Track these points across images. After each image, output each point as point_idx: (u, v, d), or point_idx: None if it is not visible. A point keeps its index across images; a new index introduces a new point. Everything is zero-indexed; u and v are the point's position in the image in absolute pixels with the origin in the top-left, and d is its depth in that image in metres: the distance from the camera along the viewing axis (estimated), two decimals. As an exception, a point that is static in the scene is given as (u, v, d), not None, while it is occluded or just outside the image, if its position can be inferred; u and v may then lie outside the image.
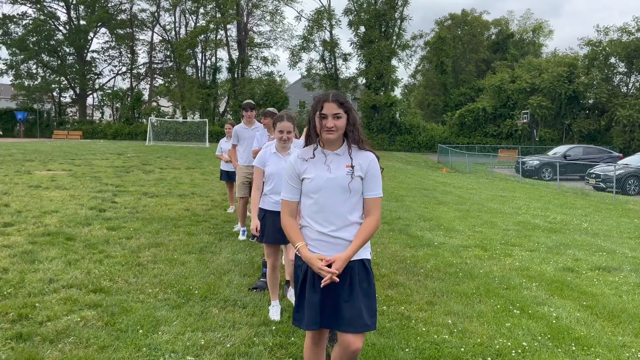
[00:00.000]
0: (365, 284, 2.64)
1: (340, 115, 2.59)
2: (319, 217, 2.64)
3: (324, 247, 2.64)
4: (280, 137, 4.18)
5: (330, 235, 2.63)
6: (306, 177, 2.67)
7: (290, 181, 2.72)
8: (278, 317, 4.24)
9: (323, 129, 2.60)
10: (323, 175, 2.63)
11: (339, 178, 2.61)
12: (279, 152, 4.23)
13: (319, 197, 2.63)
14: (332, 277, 2.52)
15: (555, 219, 10.51)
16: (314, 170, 2.66)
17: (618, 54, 38.15)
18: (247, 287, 4.95)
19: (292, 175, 2.72)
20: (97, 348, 3.50)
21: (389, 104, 43.98)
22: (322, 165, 2.66)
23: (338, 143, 2.68)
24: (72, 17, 51.53)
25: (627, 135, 36.11)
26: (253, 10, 50.07)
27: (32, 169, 14.78)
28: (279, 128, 4.17)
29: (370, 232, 2.64)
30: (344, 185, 2.61)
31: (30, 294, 4.45)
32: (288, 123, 4.18)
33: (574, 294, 5.26)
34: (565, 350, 3.86)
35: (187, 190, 11.82)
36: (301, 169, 2.69)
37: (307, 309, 2.63)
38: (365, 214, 2.68)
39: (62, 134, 45.55)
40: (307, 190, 2.68)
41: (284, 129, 4.16)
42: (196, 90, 47.12)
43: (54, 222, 7.43)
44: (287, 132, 4.17)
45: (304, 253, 2.63)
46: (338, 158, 2.66)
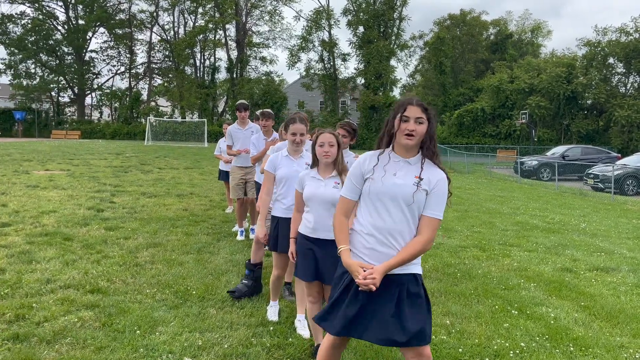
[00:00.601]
0: (417, 298, 2.51)
1: (423, 121, 2.46)
2: (377, 230, 2.51)
3: (374, 256, 2.51)
4: (293, 140, 3.99)
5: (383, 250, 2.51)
6: (370, 177, 2.54)
7: (353, 179, 2.60)
8: (276, 318, 4.22)
9: (402, 132, 2.47)
10: (389, 180, 2.50)
11: (404, 186, 2.47)
12: (291, 155, 4.05)
13: (379, 203, 2.51)
14: (370, 288, 2.40)
15: (553, 219, 10.52)
16: (380, 171, 2.54)
17: (616, 55, 38.18)
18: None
19: (357, 174, 2.60)
20: (94, 349, 3.49)
21: (387, 104, 43.98)
22: (390, 169, 2.53)
23: (413, 151, 2.54)
24: (71, 17, 51.49)
25: (626, 135, 36.13)
26: (252, 10, 50.11)
27: (30, 168, 14.75)
28: (292, 130, 3.98)
29: (417, 250, 2.46)
30: (408, 194, 2.46)
31: (28, 295, 4.44)
32: (301, 125, 4.01)
33: (572, 295, 5.26)
34: (563, 350, 3.85)
35: (185, 191, 11.80)
36: (367, 168, 2.56)
37: (341, 316, 2.51)
38: (418, 231, 2.51)
39: (61, 133, 45.53)
40: (368, 192, 2.55)
41: (297, 131, 3.98)
42: (195, 90, 47.12)
43: (52, 222, 7.41)
44: (300, 135, 3.98)
45: (344, 257, 2.52)
46: (408, 166, 2.52)
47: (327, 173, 3.44)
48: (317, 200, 3.38)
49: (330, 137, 3.39)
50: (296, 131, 3.97)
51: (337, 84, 46.82)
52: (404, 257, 2.45)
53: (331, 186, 3.38)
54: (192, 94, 46.80)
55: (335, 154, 3.41)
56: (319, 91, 47.36)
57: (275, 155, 4.11)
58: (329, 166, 3.45)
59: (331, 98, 46.75)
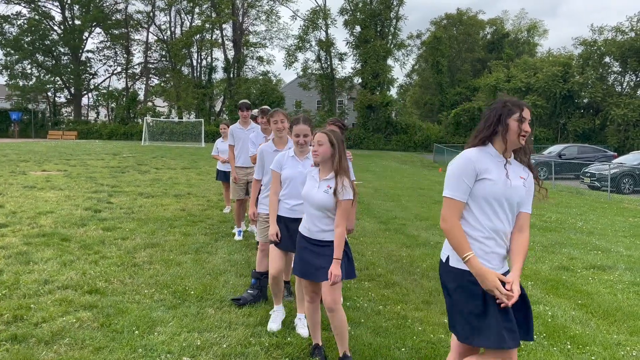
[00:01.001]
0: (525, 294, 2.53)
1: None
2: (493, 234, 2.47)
3: (496, 260, 2.49)
4: (296, 142, 3.90)
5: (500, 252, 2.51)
6: (487, 177, 2.45)
7: (465, 179, 2.45)
8: (277, 326, 4.03)
9: (518, 133, 2.47)
10: (505, 182, 2.46)
11: (519, 188, 2.49)
12: (297, 156, 3.95)
13: (496, 205, 2.47)
14: (511, 300, 2.35)
15: (550, 217, 10.55)
16: (495, 171, 2.47)
17: (612, 54, 38.29)
18: (244, 287, 4.94)
19: (469, 172, 2.45)
20: (92, 349, 3.49)
21: (384, 103, 44.03)
22: (502, 170, 2.48)
23: (514, 151, 2.58)
24: (67, 17, 51.35)
25: (622, 134, 36.24)
26: (248, 9, 50.07)
27: (27, 169, 14.72)
28: (295, 132, 3.88)
29: (527, 249, 2.54)
30: (522, 196, 2.49)
31: (25, 295, 4.43)
32: (304, 126, 3.88)
33: (569, 293, 5.28)
34: (560, 348, 3.87)
35: (183, 191, 11.80)
36: (482, 167, 2.46)
37: (501, 328, 2.38)
38: (519, 228, 2.54)
39: (57, 134, 45.42)
40: (484, 193, 2.45)
41: (300, 132, 3.86)
42: (192, 90, 47.07)
43: (49, 223, 7.40)
44: (303, 136, 3.86)
45: (477, 267, 2.39)
46: (511, 167, 2.52)
47: (324, 174, 3.38)
48: (308, 202, 3.38)
49: (319, 135, 3.35)
50: (299, 132, 3.87)
51: (334, 84, 46.83)
52: (524, 259, 2.49)
53: (322, 190, 3.31)
54: (189, 94, 46.74)
55: (326, 153, 3.32)
56: (316, 91, 47.38)
57: (282, 154, 4.04)
58: (326, 166, 3.37)
59: (328, 98, 46.76)
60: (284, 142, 4.59)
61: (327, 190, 3.29)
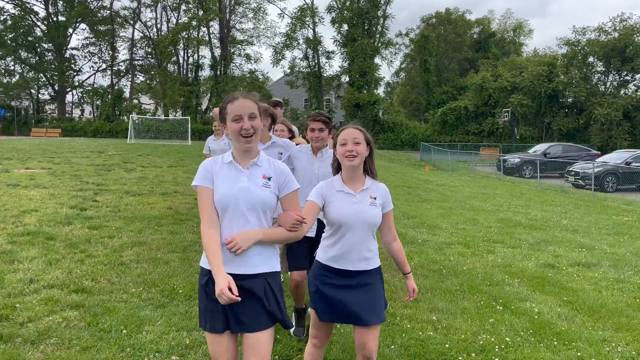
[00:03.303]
0: None
1: None
2: None
3: None
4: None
5: None
6: None
7: None
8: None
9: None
10: None
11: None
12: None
13: None
14: None
15: (536, 216, 10.67)
16: None
17: (596, 53, 38.81)
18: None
19: None
20: (79, 349, 3.45)
21: (372, 102, 44.14)
22: None
23: None
24: (51, 13, 50.67)
25: (605, 133, 36.77)
26: (235, 7, 49.81)
27: (10, 167, 14.49)
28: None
29: None
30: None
31: (10, 295, 4.37)
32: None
33: (554, 290, 5.34)
34: (547, 345, 3.92)
35: (169, 189, 11.71)
36: None
37: None
38: None
39: (41, 131, 44.78)
40: None
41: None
42: (178, 87, 46.73)
43: (34, 222, 7.30)
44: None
45: None
46: None
47: (357, 184, 2.69)
48: (354, 224, 2.62)
49: (354, 132, 2.65)
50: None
51: (321, 82, 46.84)
52: None
53: (368, 203, 2.66)
54: (175, 91, 46.39)
55: (364, 154, 2.66)
56: (303, 89, 47.36)
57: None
58: (357, 173, 2.69)
59: (316, 96, 46.76)
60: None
61: (373, 203, 2.68)
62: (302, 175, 3.61)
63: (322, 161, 3.67)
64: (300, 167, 3.71)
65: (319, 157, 3.70)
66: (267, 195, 2.31)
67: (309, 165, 3.70)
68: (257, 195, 2.28)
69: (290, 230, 2.32)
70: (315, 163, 3.70)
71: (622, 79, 39.78)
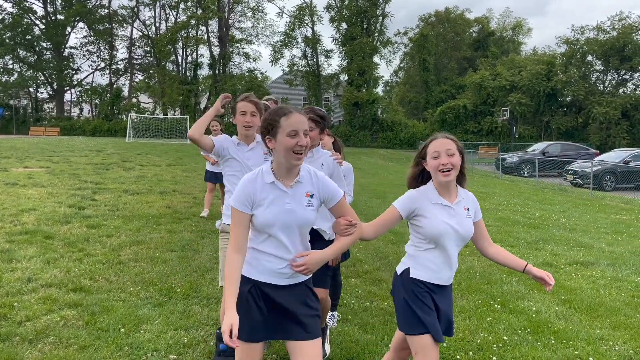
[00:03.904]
0: None
1: None
2: None
3: None
4: None
5: None
6: None
7: None
8: None
9: None
10: None
11: None
12: None
13: None
14: None
15: (534, 214, 10.68)
16: None
17: (595, 52, 38.84)
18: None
19: None
20: (77, 348, 3.45)
21: (370, 100, 44.14)
22: None
23: None
24: (49, 12, 50.58)
25: (604, 132, 36.81)
26: (234, 6, 49.77)
27: (9, 166, 14.48)
28: None
29: None
30: None
31: (9, 294, 4.37)
32: None
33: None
34: (544, 343, 3.92)
35: (168, 188, 11.70)
36: None
37: None
38: None
39: (39, 130, 44.72)
40: None
41: None
42: (177, 86, 46.68)
43: (32, 220, 7.29)
44: None
45: None
46: None
47: (452, 195, 2.53)
48: (451, 237, 2.46)
49: (446, 142, 2.45)
50: None
51: (320, 81, 46.82)
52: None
53: (464, 215, 2.50)
54: (174, 90, 46.34)
55: (458, 165, 2.46)
56: (302, 87, 47.35)
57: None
58: (451, 183, 2.52)
59: (314, 94, 46.75)
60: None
61: (468, 215, 2.53)
62: None
63: (311, 162, 3.21)
64: None
65: (309, 157, 3.25)
66: (310, 215, 2.23)
67: None
68: (301, 216, 2.20)
69: (345, 235, 2.28)
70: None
71: (621, 78, 39.82)
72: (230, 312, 2.04)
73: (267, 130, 2.19)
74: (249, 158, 3.36)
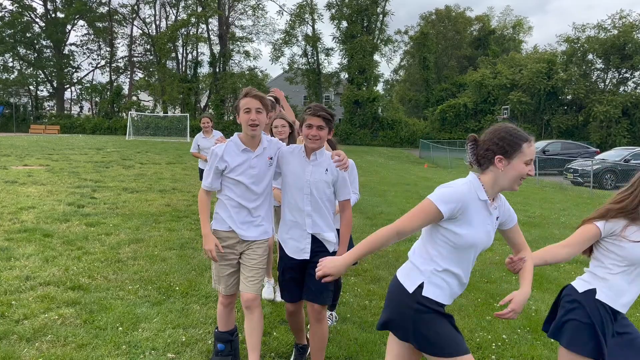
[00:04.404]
0: None
1: None
2: None
3: None
4: None
5: None
6: None
7: None
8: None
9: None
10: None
11: None
12: None
13: None
14: None
15: (534, 213, 10.66)
16: None
17: (595, 51, 38.78)
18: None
19: None
20: (75, 346, 3.44)
21: (371, 99, 44.14)
22: None
23: None
24: (49, 10, 50.55)
25: (604, 130, 36.76)
26: (234, 4, 49.73)
27: (8, 164, 14.47)
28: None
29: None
30: None
31: (7, 292, 4.35)
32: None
33: (552, 287, 5.34)
34: (544, 342, 3.91)
35: (167, 186, 11.70)
36: None
37: None
38: None
39: (39, 128, 44.74)
40: None
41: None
42: (177, 84, 46.70)
43: (31, 218, 7.28)
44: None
45: None
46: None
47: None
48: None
49: None
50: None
51: (320, 79, 46.81)
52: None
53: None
54: (174, 88, 46.37)
55: None
56: (302, 85, 47.33)
57: None
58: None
59: (315, 93, 46.75)
60: None
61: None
62: (290, 183, 3.06)
63: (315, 165, 3.02)
64: (290, 173, 3.06)
65: (312, 160, 3.03)
66: None
67: (300, 169, 3.03)
68: None
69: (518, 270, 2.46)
70: (308, 167, 3.02)
71: (622, 76, 39.76)
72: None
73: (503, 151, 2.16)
74: (253, 166, 3.04)
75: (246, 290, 3.07)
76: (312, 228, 3.03)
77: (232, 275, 3.15)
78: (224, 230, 3.11)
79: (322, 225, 3.04)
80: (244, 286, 3.08)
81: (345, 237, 3.04)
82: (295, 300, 3.18)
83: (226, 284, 3.16)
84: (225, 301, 3.22)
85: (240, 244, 3.10)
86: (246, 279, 3.07)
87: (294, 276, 3.11)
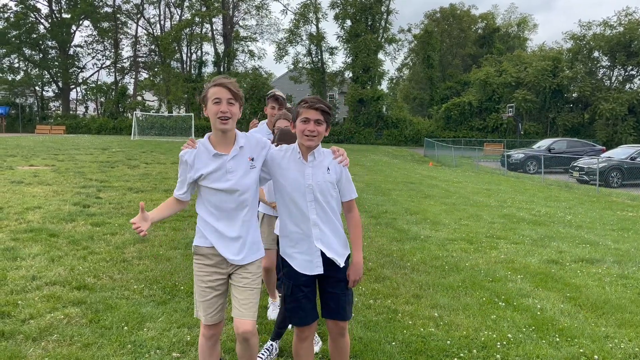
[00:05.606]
0: None
1: None
2: None
3: None
4: None
5: None
6: None
7: None
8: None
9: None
10: None
11: None
12: None
13: None
14: None
15: (539, 211, 10.62)
16: None
17: (601, 48, 38.59)
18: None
19: None
20: (81, 345, 3.45)
21: (375, 97, 44.09)
22: None
23: None
24: (54, 10, 50.79)
25: (610, 128, 36.58)
26: (239, 3, 49.81)
27: (14, 164, 14.55)
28: None
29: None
30: None
31: (13, 292, 4.38)
32: None
33: (558, 286, 5.31)
34: (549, 341, 3.90)
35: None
36: None
37: None
38: None
39: (45, 128, 44.97)
40: None
41: None
42: (181, 84, 46.81)
43: (37, 218, 7.32)
44: None
45: None
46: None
47: None
48: None
49: None
50: None
51: (325, 78, 46.79)
52: None
53: None
54: (178, 88, 46.48)
55: None
56: (307, 84, 47.34)
57: None
58: None
59: (319, 92, 46.74)
60: None
61: None
62: (289, 191, 2.66)
63: (315, 167, 2.67)
64: (286, 179, 2.66)
65: (310, 161, 2.67)
66: None
67: (298, 174, 2.65)
68: None
69: None
70: (307, 170, 2.65)
71: (627, 74, 39.55)
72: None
73: None
74: (231, 170, 2.55)
75: (241, 317, 2.54)
76: (320, 241, 2.64)
77: (215, 302, 2.61)
78: (206, 247, 2.60)
79: (330, 234, 2.67)
80: (238, 312, 2.55)
81: (357, 240, 2.74)
82: (311, 321, 2.73)
83: (207, 311, 2.61)
84: (208, 332, 2.66)
85: (226, 263, 2.59)
86: (239, 302, 2.55)
87: (308, 294, 2.69)
